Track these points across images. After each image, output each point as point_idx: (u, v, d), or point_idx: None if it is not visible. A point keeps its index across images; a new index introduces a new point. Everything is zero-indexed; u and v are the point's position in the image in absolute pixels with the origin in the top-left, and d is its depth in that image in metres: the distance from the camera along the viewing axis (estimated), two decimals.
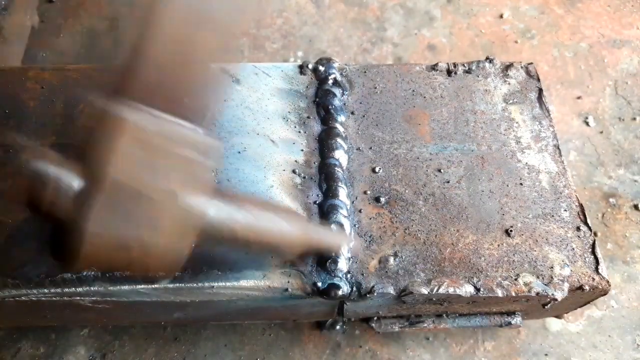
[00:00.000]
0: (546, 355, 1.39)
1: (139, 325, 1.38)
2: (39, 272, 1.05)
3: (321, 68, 1.37)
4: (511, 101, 1.35)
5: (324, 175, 1.21)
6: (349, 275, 1.09)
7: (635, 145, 1.72)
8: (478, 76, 1.39)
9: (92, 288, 1.04)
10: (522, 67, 1.40)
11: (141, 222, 0.70)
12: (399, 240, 1.14)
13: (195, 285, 1.06)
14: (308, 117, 1.30)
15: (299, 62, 1.39)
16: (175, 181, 0.71)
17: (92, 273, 1.05)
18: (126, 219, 0.69)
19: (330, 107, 1.30)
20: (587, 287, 1.12)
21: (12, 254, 1.07)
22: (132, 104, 0.69)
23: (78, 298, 1.05)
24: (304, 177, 1.21)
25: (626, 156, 1.70)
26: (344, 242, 1.10)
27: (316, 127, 1.29)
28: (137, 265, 0.76)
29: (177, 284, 1.05)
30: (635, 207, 1.60)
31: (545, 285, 1.10)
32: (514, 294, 1.09)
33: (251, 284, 1.07)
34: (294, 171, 1.22)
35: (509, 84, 1.38)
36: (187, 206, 0.73)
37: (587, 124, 1.77)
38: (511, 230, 1.16)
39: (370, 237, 1.14)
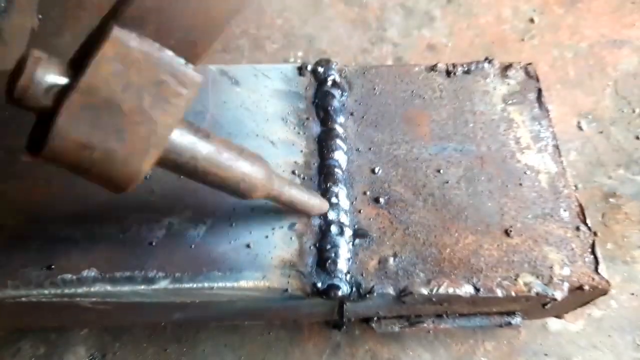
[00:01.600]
0: (546, 355, 1.39)
1: (139, 325, 1.38)
2: (39, 274, 1.05)
3: (320, 69, 1.37)
4: (510, 102, 1.35)
5: (324, 176, 1.21)
6: (348, 276, 1.09)
7: (635, 145, 1.72)
8: (477, 77, 1.39)
9: (92, 289, 1.04)
10: (521, 68, 1.40)
11: (108, 129, 0.76)
12: (399, 240, 1.14)
13: (194, 286, 1.06)
14: (307, 119, 1.31)
15: (299, 63, 1.39)
16: (148, 100, 0.77)
17: (92, 274, 1.05)
18: (95, 122, 0.75)
19: (329, 108, 1.31)
20: (586, 287, 1.11)
21: (11, 255, 1.07)
22: (125, 25, 0.75)
23: (78, 299, 1.05)
24: (304, 178, 1.21)
25: (626, 156, 1.70)
26: (310, 203, 1.10)
27: (315, 128, 1.29)
28: (96, 171, 0.80)
29: (177, 285, 1.06)
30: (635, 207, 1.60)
31: (545, 285, 1.10)
32: (513, 294, 1.09)
33: (251, 284, 1.07)
34: (293, 172, 1.22)
35: (509, 84, 1.38)
36: (153, 124, 0.78)
37: (587, 124, 1.77)
38: (511, 231, 1.16)
39: (369, 237, 1.14)
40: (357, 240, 1.14)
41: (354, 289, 1.08)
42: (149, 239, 1.10)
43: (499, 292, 1.09)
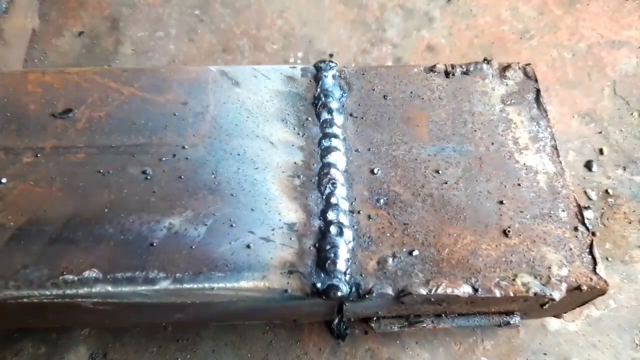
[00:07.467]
0: (545, 354, 1.40)
1: (140, 326, 1.39)
2: (41, 274, 1.06)
3: (320, 70, 1.38)
4: (509, 102, 1.35)
5: (323, 177, 1.21)
6: (348, 276, 1.10)
7: (634, 145, 1.73)
8: (476, 77, 1.39)
9: (93, 290, 1.05)
10: (519, 68, 1.41)
11: None
12: (398, 241, 1.15)
13: (195, 286, 1.07)
14: (307, 119, 1.31)
15: (299, 64, 1.40)
16: None
17: (94, 275, 1.06)
18: None
19: (329, 109, 1.31)
20: (585, 287, 1.12)
21: (13, 255, 1.08)
22: None
23: (79, 300, 1.06)
24: (304, 179, 1.22)
25: (625, 156, 1.71)
26: None
27: (315, 129, 1.30)
28: None
29: (178, 286, 1.06)
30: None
31: (543, 285, 1.11)
32: (511, 294, 1.10)
33: (251, 285, 1.07)
34: (293, 173, 1.23)
35: (507, 85, 1.38)
36: None
37: (586, 124, 1.77)
38: (509, 231, 1.17)
39: (369, 238, 1.15)
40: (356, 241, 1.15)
41: (353, 289, 1.09)
42: (149, 240, 1.11)
43: (497, 292, 1.09)
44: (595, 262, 1.15)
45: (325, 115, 1.30)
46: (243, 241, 1.12)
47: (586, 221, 1.20)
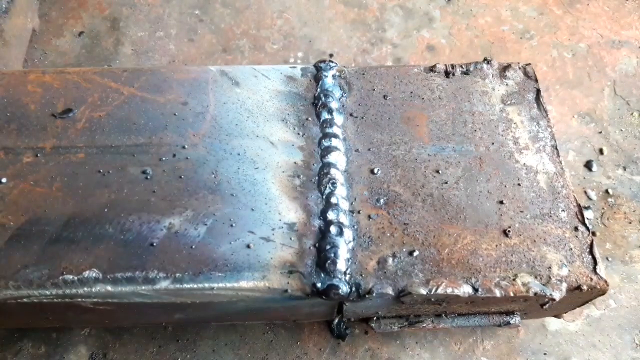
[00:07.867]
0: (545, 354, 1.40)
1: (140, 326, 1.39)
2: (41, 274, 1.06)
3: (320, 70, 1.38)
4: (509, 102, 1.35)
5: (323, 177, 1.21)
6: (348, 276, 1.10)
7: (634, 145, 1.73)
8: (476, 77, 1.39)
9: (93, 289, 1.05)
10: (519, 68, 1.41)
11: None
12: (398, 241, 1.15)
13: (195, 286, 1.07)
14: (307, 119, 1.31)
15: (299, 64, 1.40)
16: None
17: (94, 275, 1.06)
18: None
19: (329, 109, 1.31)
20: (585, 287, 1.12)
21: (13, 255, 1.08)
22: None
23: (79, 300, 1.06)
24: (303, 179, 1.22)
25: (625, 156, 1.71)
26: None
27: (315, 129, 1.30)
28: None
29: (178, 285, 1.06)
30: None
31: (543, 285, 1.11)
32: (512, 294, 1.10)
33: (251, 285, 1.07)
34: (293, 173, 1.23)
35: (507, 84, 1.38)
36: None
37: (586, 124, 1.77)
38: (509, 231, 1.17)
39: (369, 238, 1.15)
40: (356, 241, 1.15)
41: (353, 289, 1.09)
42: (149, 240, 1.11)
43: (497, 292, 1.09)
44: (595, 262, 1.15)
45: (325, 115, 1.31)
46: (243, 241, 1.12)
47: (586, 221, 1.20)
